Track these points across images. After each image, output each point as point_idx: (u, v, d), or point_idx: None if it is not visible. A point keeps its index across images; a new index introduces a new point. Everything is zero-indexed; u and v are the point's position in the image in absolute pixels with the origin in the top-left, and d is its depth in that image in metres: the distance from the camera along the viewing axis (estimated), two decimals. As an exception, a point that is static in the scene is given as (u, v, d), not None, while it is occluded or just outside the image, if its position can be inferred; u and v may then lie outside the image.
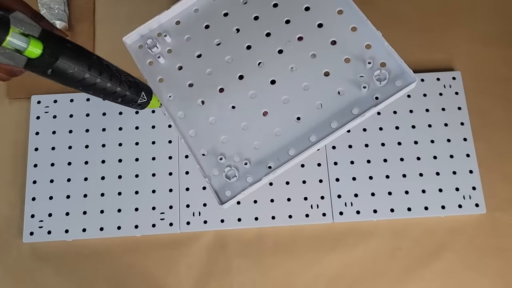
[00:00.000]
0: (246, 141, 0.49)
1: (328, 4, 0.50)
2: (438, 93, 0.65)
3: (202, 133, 0.50)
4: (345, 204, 0.61)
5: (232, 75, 0.51)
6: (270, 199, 0.61)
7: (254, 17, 0.52)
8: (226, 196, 0.47)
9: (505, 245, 0.60)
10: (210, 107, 0.51)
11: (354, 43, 0.49)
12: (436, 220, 0.61)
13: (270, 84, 0.50)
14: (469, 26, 0.70)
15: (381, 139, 0.64)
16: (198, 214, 0.61)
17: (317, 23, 0.50)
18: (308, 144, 0.47)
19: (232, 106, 0.50)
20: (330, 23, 0.50)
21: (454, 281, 0.59)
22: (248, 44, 0.52)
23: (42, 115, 0.65)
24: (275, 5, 0.52)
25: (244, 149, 0.48)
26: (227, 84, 0.51)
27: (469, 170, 0.62)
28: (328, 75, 0.49)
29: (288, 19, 0.51)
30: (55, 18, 0.67)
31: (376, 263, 0.60)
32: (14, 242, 0.62)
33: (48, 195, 0.62)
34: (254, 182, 0.47)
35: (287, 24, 0.51)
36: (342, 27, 0.50)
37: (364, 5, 0.71)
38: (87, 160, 0.64)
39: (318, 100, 0.48)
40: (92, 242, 0.61)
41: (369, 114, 0.46)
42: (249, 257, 0.61)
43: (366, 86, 0.47)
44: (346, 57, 0.49)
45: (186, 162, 0.63)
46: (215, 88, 0.51)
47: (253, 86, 0.50)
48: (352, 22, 0.50)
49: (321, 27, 0.50)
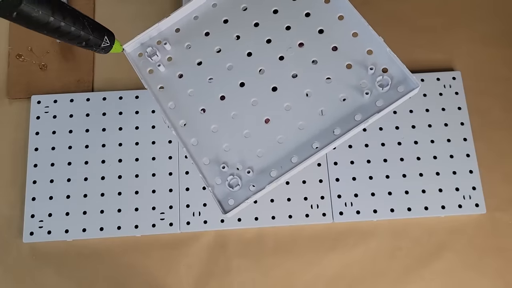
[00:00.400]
0: (249, 149, 0.48)
1: (329, 10, 0.50)
2: (438, 93, 0.65)
3: (204, 142, 0.49)
4: (345, 204, 0.61)
5: (233, 82, 0.50)
6: (270, 199, 0.61)
7: (254, 23, 0.52)
8: (229, 205, 0.47)
9: (505, 245, 0.60)
10: (212, 115, 0.50)
11: (356, 49, 0.48)
12: (436, 220, 0.61)
13: (272, 91, 0.50)
14: (469, 26, 0.70)
15: (381, 139, 0.64)
16: (198, 214, 0.61)
17: (318, 29, 0.50)
18: (311, 151, 0.46)
19: (234, 113, 0.50)
20: (330, 29, 0.50)
21: (454, 281, 0.59)
22: (248, 51, 0.51)
23: (42, 115, 0.65)
24: (275, 12, 0.52)
25: (247, 157, 0.48)
26: (228, 92, 0.50)
27: (469, 170, 0.62)
28: (330, 82, 0.48)
29: (288, 25, 0.51)
30: None
31: (376, 263, 0.60)
32: (14, 242, 0.62)
33: (48, 195, 0.62)
34: (257, 190, 0.46)
35: (288, 31, 0.50)
36: (343, 33, 0.49)
37: (364, 5, 0.71)
38: (87, 160, 0.64)
39: (320, 107, 0.48)
40: (92, 242, 0.61)
41: (372, 120, 0.46)
42: (249, 257, 0.61)
43: (368, 92, 0.46)
44: (347, 63, 0.48)
45: (186, 162, 0.63)
46: (216, 96, 0.50)
47: (255, 93, 0.50)
48: (353, 28, 0.49)
49: (322, 33, 0.50)
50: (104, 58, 0.69)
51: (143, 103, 0.66)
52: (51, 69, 0.68)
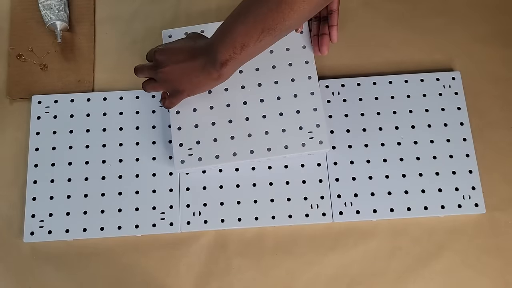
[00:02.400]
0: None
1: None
2: (437, 93, 0.65)
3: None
4: (344, 204, 0.61)
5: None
6: (270, 199, 0.62)
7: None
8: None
9: (504, 244, 0.60)
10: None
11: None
12: (436, 220, 0.61)
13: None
14: (469, 27, 0.70)
15: (380, 139, 0.64)
16: (199, 214, 0.61)
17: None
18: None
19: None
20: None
21: (454, 280, 0.59)
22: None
23: (42, 115, 0.66)
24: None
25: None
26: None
27: (468, 170, 0.62)
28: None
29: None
30: (56, 18, 0.67)
31: (375, 263, 0.60)
32: (15, 242, 0.62)
33: (48, 195, 0.62)
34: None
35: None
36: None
37: (364, 6, 0.72)
38: (88, 160, 0.64)
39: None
40: (93, 242, 0.61)
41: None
42: (249, 256, 0.61)
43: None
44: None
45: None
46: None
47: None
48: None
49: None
50: (105, 58, 0.70)
51: (143, 103, 0.66)
52: (51, 69, 0.69)
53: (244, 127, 0.62)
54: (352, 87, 0.66)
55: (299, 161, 0.63)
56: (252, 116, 0.62)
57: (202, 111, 0.63)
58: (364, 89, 0.66)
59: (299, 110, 0.62)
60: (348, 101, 0.66)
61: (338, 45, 0.67)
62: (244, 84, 0.64)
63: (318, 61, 0.65)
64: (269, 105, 0.62)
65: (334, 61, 0.68)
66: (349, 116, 0.65)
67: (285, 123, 0.61)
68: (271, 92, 0.63)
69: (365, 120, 0.65)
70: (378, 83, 0.66)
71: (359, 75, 0.67)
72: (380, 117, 0.65)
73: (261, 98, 0.63)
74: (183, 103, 0.62)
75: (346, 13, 0.70)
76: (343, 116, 0.65)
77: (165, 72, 0.57)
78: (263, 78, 0.64)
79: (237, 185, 0.62)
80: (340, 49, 0.69)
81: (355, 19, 0.71)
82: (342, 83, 0.66)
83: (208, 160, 0.60)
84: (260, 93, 0.63)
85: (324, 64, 0.68)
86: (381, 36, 0.70)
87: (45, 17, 0.67)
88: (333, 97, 0.66)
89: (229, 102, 0.63)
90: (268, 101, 0.63)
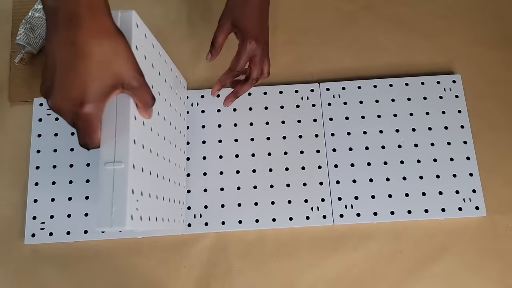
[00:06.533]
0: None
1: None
2: (438, 96, 0.66)
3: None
4: (345, 206, 0.61)
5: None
6: (270, 201, 0.62)
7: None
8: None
9: (505, 247, 0.60)
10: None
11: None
12: (436, 223, 0.61)
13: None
14: (469, 30, 0.70)
15: (381, 141, 0.64)
16: (199, 216, 0.61)
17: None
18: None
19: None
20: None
21: (454, 283, 0.59)
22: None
23: (44, 117, 0.66)
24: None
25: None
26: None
27: (469, 173, 0.62)
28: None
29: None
30: (26, 42, 0.67)
31: (376, 265, 0.60)
32: (16, 243, 0.62)
33: (49, 197, 0.62)
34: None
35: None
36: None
37: (365, 9, 0.72)
38: (89, 162, 0.64)
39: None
40: (94, 243, 0.61)
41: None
42: (249, 259, 0.61)
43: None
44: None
45: (187, 165, 0.63)
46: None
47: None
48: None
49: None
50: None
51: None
52: (53, 71, 0.69)
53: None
54: (352, 90, 0.66)
55: (299, 163, 0.63)
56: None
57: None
58: (365, 92, 0.66)
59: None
60: (348, 104, 0.66)
61: (339, 48, 0.67)
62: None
63: (318, 63, 0.66)
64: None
65: (335, 64, 0.68)
66: (350, 119, 0.65)
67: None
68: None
69: (366, 123, 0.65)
70: (378, 86, 0.66)
71: (360, 78, 0.67)
72: (380, 120, 0.65)
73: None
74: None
75: (346, 16, 0.71)
76: (343, 119, 0.65)
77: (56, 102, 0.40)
78: None
79: (238, 188, 0.62)
80: (341, 52, 0.69)
81: (356, 22, 0.71)
82: (343, 86, 0.66)
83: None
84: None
85: (325, 67, 0.68)
86: (381, 39, 0.70)
87: (19, 34, 0.67)
88: (334, 100, 0.66)
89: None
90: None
